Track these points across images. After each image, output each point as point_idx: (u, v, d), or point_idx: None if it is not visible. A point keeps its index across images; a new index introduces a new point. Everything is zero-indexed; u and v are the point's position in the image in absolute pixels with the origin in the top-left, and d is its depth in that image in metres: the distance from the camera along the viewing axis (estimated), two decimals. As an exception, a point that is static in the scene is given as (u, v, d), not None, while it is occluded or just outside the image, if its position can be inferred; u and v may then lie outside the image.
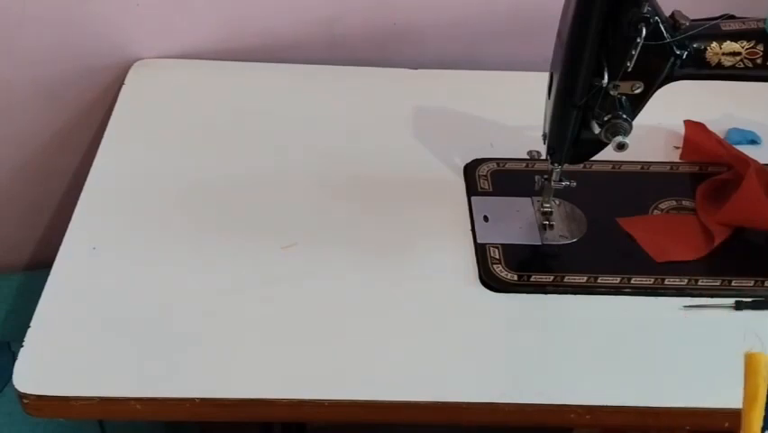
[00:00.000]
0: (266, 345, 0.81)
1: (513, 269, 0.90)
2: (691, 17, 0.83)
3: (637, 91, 0.83)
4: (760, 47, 0.83)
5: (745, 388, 0.59)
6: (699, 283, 0.89)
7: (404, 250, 0.91)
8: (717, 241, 0.92)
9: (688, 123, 1.08)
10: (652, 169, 1.04)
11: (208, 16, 1.16)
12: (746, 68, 0.84)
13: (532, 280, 0.89)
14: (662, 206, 0.98)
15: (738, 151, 1.02)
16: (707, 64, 0.84)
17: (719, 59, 0.84)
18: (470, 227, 0.94)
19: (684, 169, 1.04)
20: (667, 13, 0.83)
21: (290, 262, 0.89)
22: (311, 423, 1.26)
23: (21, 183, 1.26)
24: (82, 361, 0.80)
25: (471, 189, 0.99)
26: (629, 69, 0.81)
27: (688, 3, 0.85)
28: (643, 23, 0.79)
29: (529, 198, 0.97)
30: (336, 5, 1.16)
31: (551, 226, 0.94)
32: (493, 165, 1.02)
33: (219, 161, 1.00)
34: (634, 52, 0.80)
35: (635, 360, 0.82)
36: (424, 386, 0.79)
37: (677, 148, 1.07)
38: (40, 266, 1.23)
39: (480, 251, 0.92)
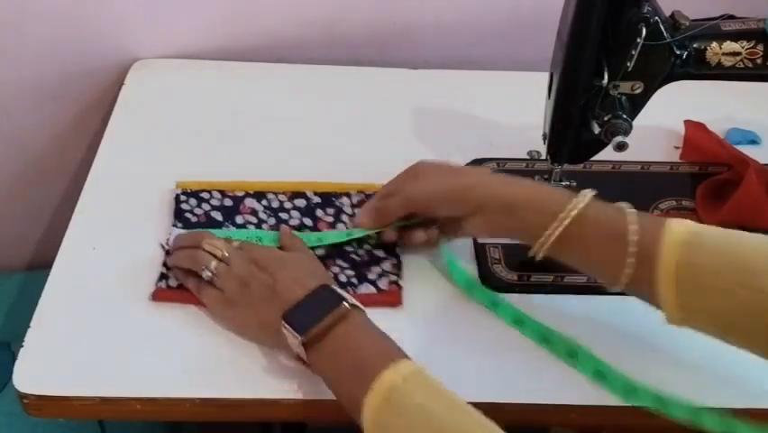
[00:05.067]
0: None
1: (513, 269, 0.90)
2: (691, 17, 0.83)
3: (637, 91, 0.84)
4: (760, 47, 0.83)
5: None
6: (699, 283, 0.89)
7: (405, 249, 0.91)
8: (718, 241, 0.92)
9: (688, 123, 1.08)
10: (652, 169, 1.04)
11: (208, 16, 1.16)
12: (746, 68, 0.84)
13: (532, 280, 0.89)
14: (662, 206, 0.98)
15: (738, 151, 1.02)
16: (707, 64, 0.84)
17: (719, 59, 0.84)
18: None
19: (684, 169, 1.05)
20: (667, 13, 0.83)
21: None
22: (311, 423, 1.26)
23: (21, 183, 1.26)
24: (82, 361, 0.80)
25: (471, 189, 0.99)
26: (629, 69, 0.81)
27: (688, 3, 0.85)
28: (643, 23, 0.79)
29: (529, 198, 0.97)
30: (336, 5, 1.17)
31: (551, 226, 0.94)
32: (493, 165, 1.02)
33: (219, 160, 1.00)
34: (634, 52, 0.80)
35: (635, 360, 0.81)
36: (424, 386, 0.79)
37: (677, 148, 1.07)
38: (40, 266, 1.23)
39: (480, 251, 0.92)
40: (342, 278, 0.88)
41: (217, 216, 0.93)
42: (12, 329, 1.13)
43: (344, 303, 0.75)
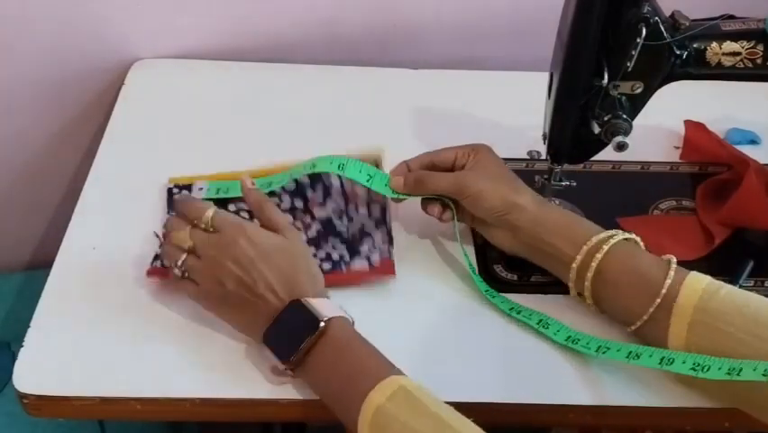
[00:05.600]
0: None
1: (513, 269, 0.90)
2: (691, 17, 0.83)
3: (637, 91, 0.84)
4: (760, 47, 0.83)
5: None
6: (699, 283, 0.89)
7: (404, 250, 0.91)
8: (717, 241, 0.92)
9: (688, 123, 1.08)
10: (652, 169, 1.04)
11: (208, 16, 1.16)
12: (746, 68, 0.84)
13: (532, 280, 0.89)
14: (662, 206, 0.98)
15: (738, 151, 1.02)
16: (707, 64, 0.84)
17: (719, 59, 0.84)
18: (470, 227, 0.94)
19: (684, 169, 1.05)
20: (667, 13, 0.83)
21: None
22: (311, 423, 1.26)
23: (21, 183, 1.26)
24: (82, 361, 0.80)
25: (472, 189, 0.99)
26: (629, 69, 0.81)
27: (688, 3, 0.85)
28: (643, 23, 0.79)
29: (529, 198, 0.97)
30: (336, 5, 1.17)
31: (551, 226, 0.94)
32: (493, 165, 1.02)
33: (219, 161, 1.00)
34: (634, 52, 0.80)
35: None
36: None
37: (677, 148, 1.07)
38: (40, 266, 1.23)
39: (480, 251, 0.92)
40: (335, 256, 0.88)
41: None
42: (12, 329, 1.13)
43: (321, 323, 0.74)
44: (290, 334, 0.74)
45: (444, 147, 0.91)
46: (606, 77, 0.82)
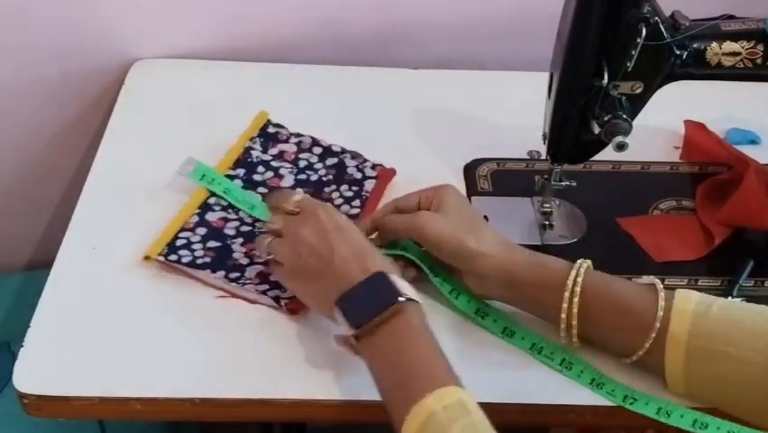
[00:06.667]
0: (266, 344, 0.82)
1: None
2: (691, 17, 0.83)
3: (637, 91, 0.84)
4: (760, 47, 0.83)
5: None
6: (699, 283, 0.89)
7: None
8: (717, 241, 0.92)
9: (688, 123, 1.08)
10: (652, 169, 1.04)
11: (208, 16, 1.16)
12: (746, 68, 0.84)
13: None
14: (662, 206, 0.98)
15: (738, 151, 1.02)
16: (707, 64, 0.84)
17: (719, 59, 0.84)
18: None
19: (684, 169, 1.05)
20: (667, 13, 0.83)
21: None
22: (311, 423, 1.26)
23: (21, 183, 1.26)
24: (82, 361, 0.80)
25: (471, 189, 0.99)
26: (629, 69, 0.82)
27: (688, 3, 0.85)
28: (643, 24, 0.79)
29: (529, 198, 0.97)
30: (336, 5, 1.17)
31: (551, 226, 0.94)
32: (493, 165, 1.02)
33: (218, 160, 1.00)
34: (634, 52, 0.80)
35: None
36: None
37: (677, 148, 1.07)
38: (40, 266, 1.23)
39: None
40: (348, 194, 0.91)
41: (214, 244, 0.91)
42: (12, 329, 1.13)
43: (401, 297, 0.73)
44: (367, 302, 0.73)
45: (409, 192, 0.87)
46: (606, 77, 0.82)
